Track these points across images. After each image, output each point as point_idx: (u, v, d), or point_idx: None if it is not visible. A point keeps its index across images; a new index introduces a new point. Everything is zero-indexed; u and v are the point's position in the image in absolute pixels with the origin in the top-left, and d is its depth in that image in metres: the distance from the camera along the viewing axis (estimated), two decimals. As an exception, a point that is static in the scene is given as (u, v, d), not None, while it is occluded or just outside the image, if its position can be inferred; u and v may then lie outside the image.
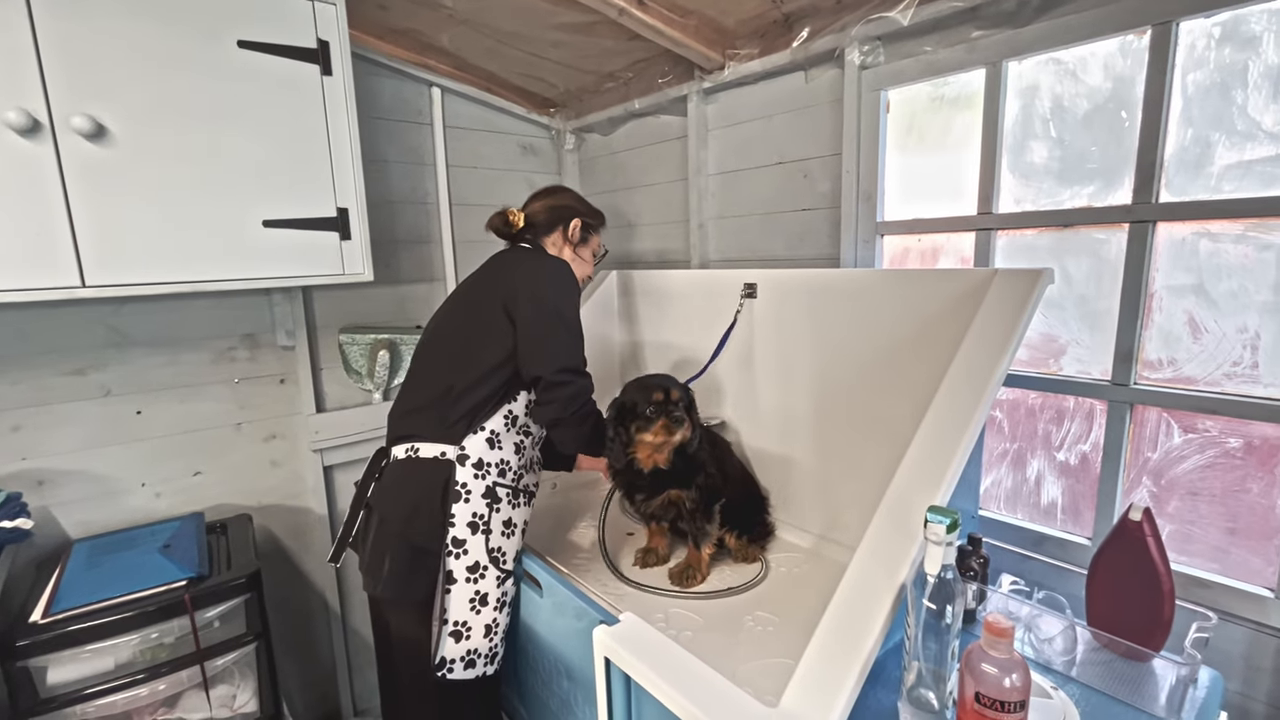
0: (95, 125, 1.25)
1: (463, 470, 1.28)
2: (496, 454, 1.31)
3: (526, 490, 1.38)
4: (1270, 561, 1.11)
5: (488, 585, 1.29)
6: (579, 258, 1.50)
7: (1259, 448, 1.12)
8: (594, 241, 1.55)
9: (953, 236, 1.48)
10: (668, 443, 1.31)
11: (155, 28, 1.30)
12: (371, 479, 1.36)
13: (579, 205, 1.52)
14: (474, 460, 1.28)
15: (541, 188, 1.56)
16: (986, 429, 1.41)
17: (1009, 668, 0.73)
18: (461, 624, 1.28)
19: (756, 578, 1.37)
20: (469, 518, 1.27)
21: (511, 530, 1.33)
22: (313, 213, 1.53)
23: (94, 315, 1.59)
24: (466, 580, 1.27)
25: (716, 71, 1.80)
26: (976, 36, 1.33)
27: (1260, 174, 1.07)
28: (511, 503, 1.33)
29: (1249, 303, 1.10)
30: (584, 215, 1.51)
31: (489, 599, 1.30)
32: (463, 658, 1.29)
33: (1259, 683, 1.11)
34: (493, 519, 1.30)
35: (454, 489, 1.27)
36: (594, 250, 1.56)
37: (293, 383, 1.91)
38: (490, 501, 1.30)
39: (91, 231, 1.28)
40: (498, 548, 1.30)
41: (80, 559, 1.46)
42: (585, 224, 1.50)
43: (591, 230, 1.53)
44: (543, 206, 1.48)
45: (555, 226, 1.48)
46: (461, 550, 1.26)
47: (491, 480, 1.30)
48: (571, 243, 1.49)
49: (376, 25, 1.86)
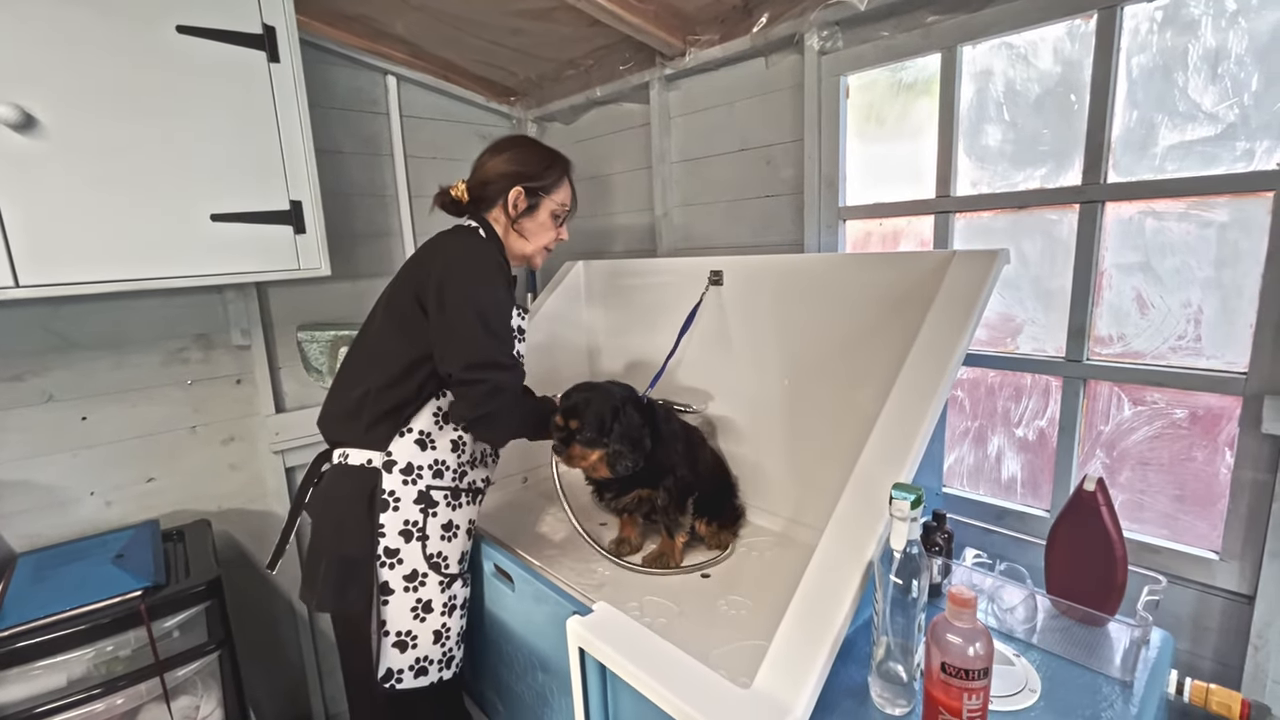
0: (23, 115, 1.18)
1: (389, 478, 1.21)
2: (429, 455, 1.24)
3: (471, 489, 1.32)
4: (1215, 525, 1.16)
5: (430, 592, 1.24)
6: (523, 233, 1.32)
7: (1203, 417, 1.17)
8: (547, 205, 1.32)
9: (913, 220, 1.51)
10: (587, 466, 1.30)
11: (84, 10, 1.23)
12: (310, 483, 1.29)
13: (526, 166, 1.30)
14: (402, 466, 1.22)
15: (492, 141, 1.36)
16: (948, 408, 1.44)
17: (972, 637, 0.75)
18: (405, 633, 1.23)
19: (726, 554, 1.39)
20: (400, 526, 1.21)
21: (453, 533, 1.27)
22: (264, 206, 1.47)
23: (31, 317, 1.51)
24: (405, 590, 1.22)
25: (678, 58, 1.79)
26: (931, 21, 1.34)
27: (1200, 154, 1.11)
28: (451, 504, 1.27)
29: (1192, 278, 1.15)
30: (529, 178, 1.29)
31: (433, 605, 1.25)
32: (412, 666, 1.24)
33: (1206, 641, 1.16)
34: (429, 524, 1.24)
35: (381, 498, 1.20)
36: (552, 213, 1.34)
37: (250, 383, 1.85)
38: (424, 507, 1.23)
39: (23, 228, 1.20)
40: (437, 553, 1.25)
41: (26, 573, 1.39)
42: (530, 190, 1.29)
43: (540, 194, 1.31)
44: (491, 172, 1.30)
45: (499, 199, 1.30)
46: (395, 560, 1.21)
47: (425, 484, 1.23)
48: (512, 217, 1.30)
49: (326, 11, 1.80)
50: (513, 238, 1.32)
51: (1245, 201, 1.07)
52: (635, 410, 1.32)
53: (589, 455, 1.27)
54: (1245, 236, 1.08)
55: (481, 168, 1.32)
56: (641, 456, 1.30)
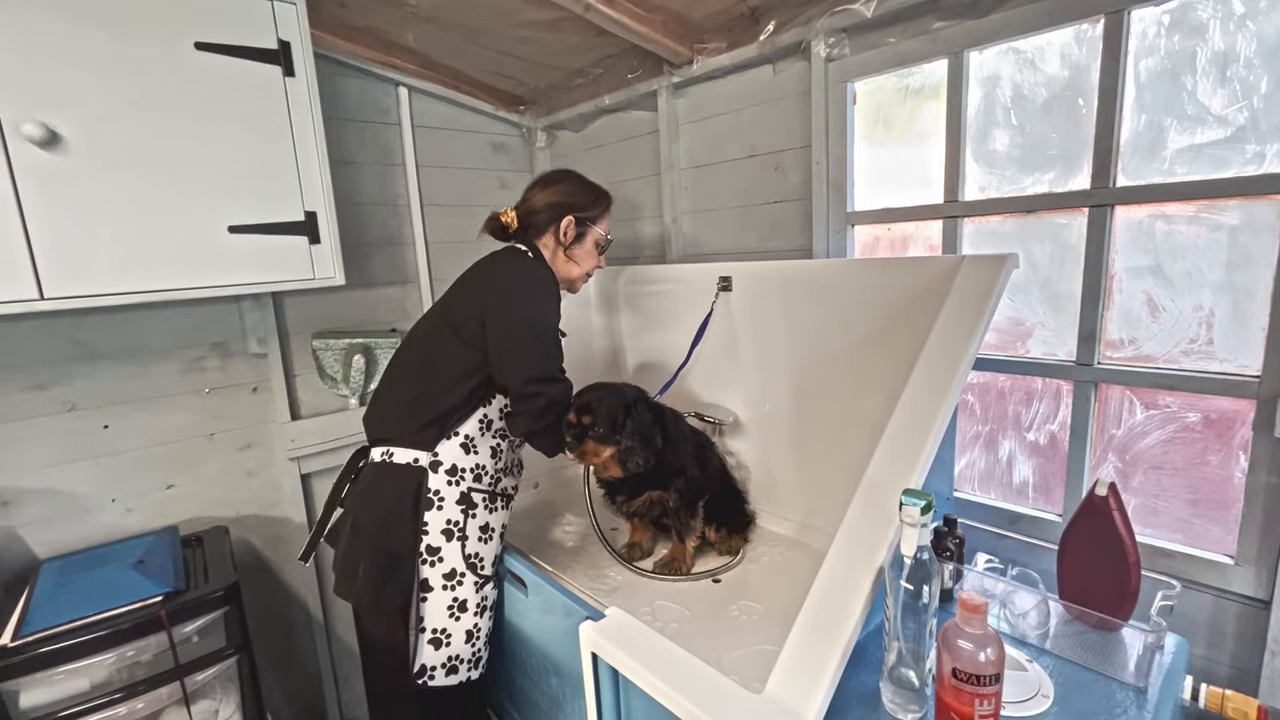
0: (48, 132, 1.21)
1: (435, 477, 1.26)
2: (471, 459, 1.30)
3: (504, 494, 1.37)
4: (1229, 530, 1.15)
5: (466, 591, 1.28)
6: (573, 259, 1.43)
7: (1216, 421, 1.16)
8: (593, 235, 1.44)
9: (921, 225, 1.51)
10: (599, 463, 1.31)
11: (107, 31, 1.26)
12: (348, 479, 1.35)
13: (575, 198, 1.42)
14: (447, 467, 1.27)
15: (541, 174, 1.47)
16: (959, 412, 1.45)
17: (983, 643, 0.75)
18: (441, 631, 1.27)
19: (738, 560, 1.39)
20: (443, 525, 1.26)
21: (489, 535, 1.32)
22: (280, 217, 1.50)
23: (55, 328, 1.55)
24: (444, 588, 1.26)
25: (685, 66, 1.80)
26: (938, 27, 1.35)
27: (1210, 157, 1.10)
28: (488, 507, 1.32)
29: (1203, 281, 1.14)
30: (579, 209, 1.41)
31: (468, 605, 1.29)
32: (444, 664, 1.28)
33: (1222, 646, 1.16)
34: (468, 525, 1.29)
35: (426, 496, 1.25)
36: (596, 243, 1.45)
37: (266, 390, 1.87)
38: (465, 507, 1.28)
39: (48, 242, 1.24)
40: (474, 554, 1.29)
41: (49, 579, 1.42)
42: (579, 220, 1.41)
43: (589, 224, 1.43)
44: (539, 203, 1.40)
45: (549, 227, 1.40)
46: (436, 558, 1.26)
47: (466, 486, 1.29)
48: (564, 244, 1.41)
49: (338, 24, 1.83)
50: (561, 263, 1.42)
51: (1256, 204, 1.07)
52: (647, 409, 1.33)
53: (601, 452, 1.29)
54: (1256, 239, 1.08)
55: (532, 197, 1.41)
56: (653, 454, 1.32)
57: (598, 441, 1.28)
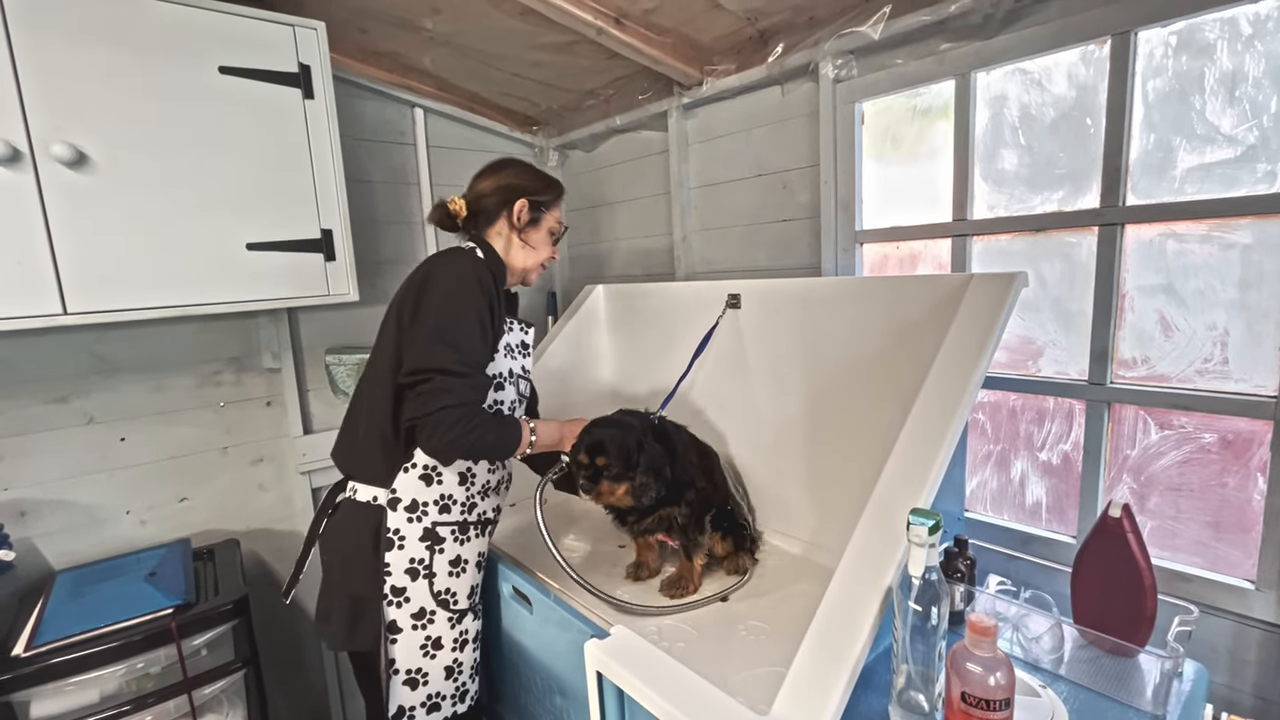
0: (76, 153, 1.25)
1: (394, 515, 1.19)
2: (434, 490, 1.21)
3: (481, 521, 1.30)
4: (1249, 554, 1.13)
5: (439, 629, 1.22)
6: (529, 244, 1.31)
7: (1233, 442, 1.14)
8: (548, 220, 1.33)
9: (930, 243, 1.51)
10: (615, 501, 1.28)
11: (136, 55, 1.31)
12: (324, 516, 1.27)
13: (526, 181, 1.31)
14: (406, 503, 1.19)
15: (488, 163, 1.36)
16: (970, 431, 1.43)
17: (993, 666, 0.74)
18: (415, 671, 1.21)
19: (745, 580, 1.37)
20: (406, 565, 1.19)
21: (462, 568, 1.25)
22: (297, 234, 1.54)
23: (77, 342, 1.59)
24: (414, 628, 1.20)
25: (695, 87, 1.83)
26: (945, 49, 1.36)
27: (1220, 176, 1.10)
28: (459, 539, 1.24)
29: (1216, 300, 1.13)
30: (531, 192, 1.30)
31: (443, 642, 1.23)
32: (424, 703, 1.23)
33: (1244, 674, 1.12)
34: (435, 561, 1.21)
35: (386, 536, 1.18)
36: (550, 229, 1.34)
37: (279, 405, 1.90)
38: (430, 544, 1.21)
39: (73, 259, 1.27)
40: (445, 589, 1.23)
41: (64, 590, 1.44)
42: (533, 203, 1.29)
43: (543, 208, 1.32)
44: (488, 188, 1.30)
45: (500, 212, 1.29)
46: (402, 599, 1.19)
47: (430, 521, 1.21)
48: (518, 228, 1.29)
49: (358, 48, 1.88)
50: (515, 250, 1.31)
51: (1268, 223, 1.06)
52: (654, 439, 1.32)
53: (617, 490, 1.26)
54: (1270, 258, 1.07)
55: (480, 184, 1.31)
56: (665, 486, 1.29)
57: (612, 481, 1.24)
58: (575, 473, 1.27)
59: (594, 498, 1.27)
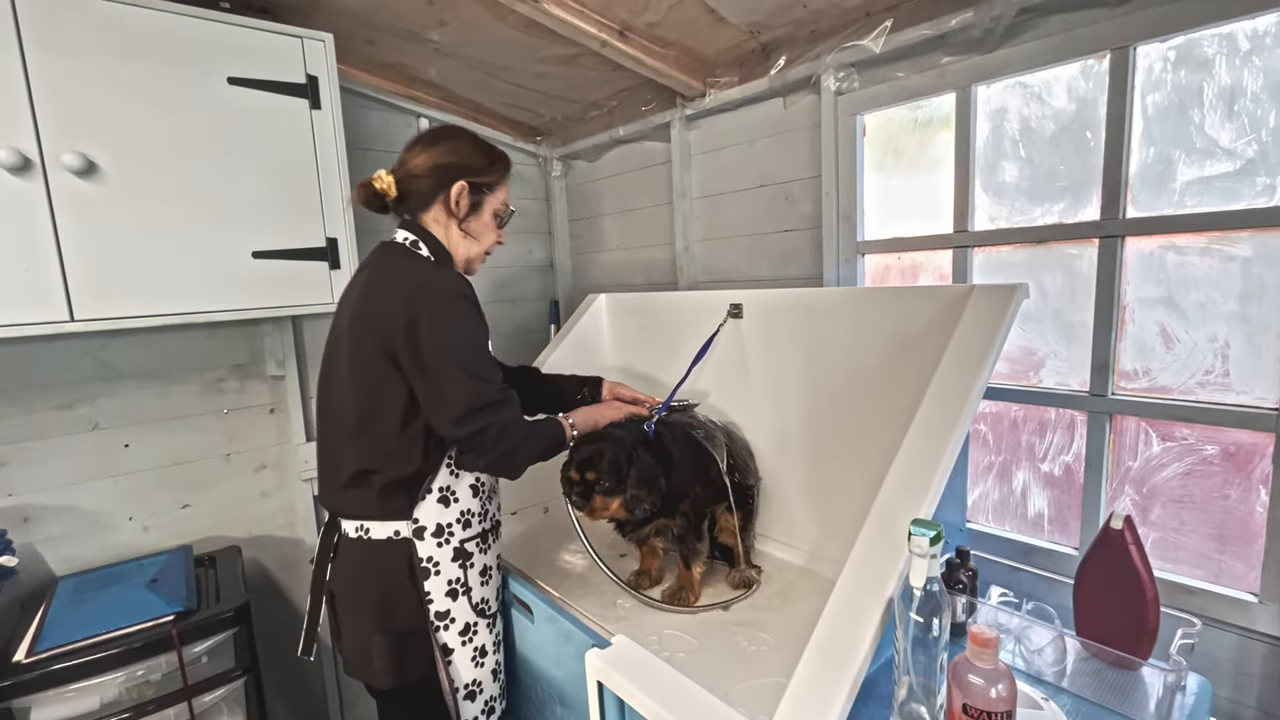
0: (86, 162, 1.26)
1: (424, 544, 1.16)
2: (454, 510, 1.19)
3: (495, 525, 1.31)
4: (1252, 566, 1.13)
5: (482, 637, 1.25)
6: (470, 234, 1.18)
7: (1235, 454, 1.14)
8: (491, 203, 1.19)
9: (931, 254, 1.52)
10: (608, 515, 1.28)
11: (146, 66, 1.33)
12: (327, 559, 1.22)
13: (466, 159, 1.16)
14: (432, 530, 1.17)
15: (424, 131, 1.23)
16: (971, 442, 1.43)
17: (994, 678, 0.74)
18: (473, 683, 1.24)
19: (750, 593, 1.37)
20: (445, 588, 1.19)
21: (489, 575, 1.27)
22: (302, 243, 1.55)
23: (82, 349, 1.60)
24: (463, 644, 1.22)
25: (698, 99, 1.85)
26: (946, 62, 1.38)
27: (1220, 189, 1.11)
28: (482, 549, 1.25)
29: (1217, 313, 1.13)
30: (471, 172, 1.15)
31: (486, 648, 1.26)
32: (484, 710, 1.26)
33: (1248, 688, 1.12)
34: (469, 576, 1.22)
35: (420, 566, 1.16)
36: (495, 213, 1.21)
37: (282, 412, 1.91)
38: (462, 561, 1.20)
39: (81, 266, 1.29)
40: (480, 599, 1.24)
41: (66, 596, 1.44)
42: (473, 186, 1.16)
43: (484, 191, 1.17)
44: (421, 166, 1.14)
45: (435, 196, 1.15)
46: (448, 620, 1.20)
47: (458, 541, 1.20)
48: (457, 215, 1.16)
49: (365, 60, 1.90)
50: (456, 240, 1.18)
51: (1268, 236, 1.07)
52: (646, 450, 1.32)
53: (610, 504, 1.26)
54: (1270, 271, 1.07)
55: (412, 160, 1.15)
56: (659, 497, 1.29)
57: (604, 495, 1.24)
58: (567, 491, 1.26)
59: (588, 514, 1.27)
